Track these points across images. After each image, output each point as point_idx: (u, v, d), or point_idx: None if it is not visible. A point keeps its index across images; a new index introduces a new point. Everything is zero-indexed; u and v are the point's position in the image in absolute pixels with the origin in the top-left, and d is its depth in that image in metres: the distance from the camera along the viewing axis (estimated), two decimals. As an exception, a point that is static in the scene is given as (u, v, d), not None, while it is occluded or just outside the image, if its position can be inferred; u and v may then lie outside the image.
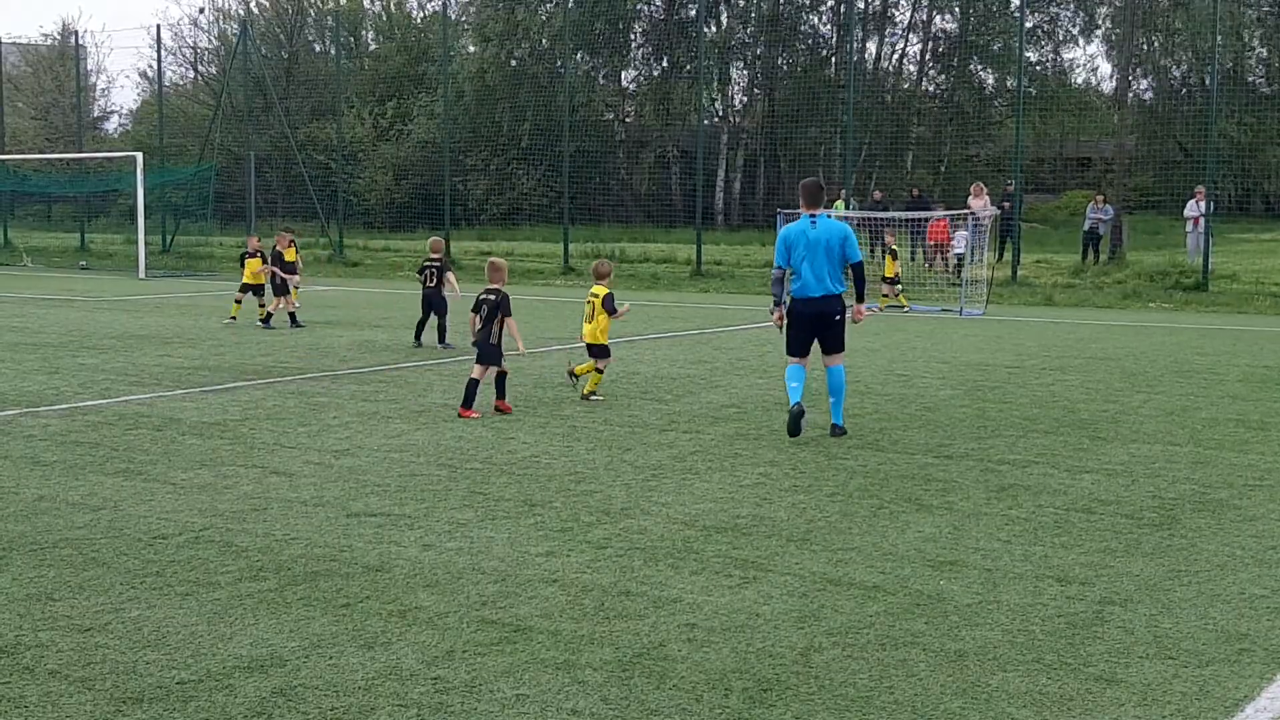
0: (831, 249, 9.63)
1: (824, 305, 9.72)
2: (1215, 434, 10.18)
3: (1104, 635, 5.44)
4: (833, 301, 9.74)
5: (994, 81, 46.85)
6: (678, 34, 47.84)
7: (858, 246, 9.80)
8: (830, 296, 9.71)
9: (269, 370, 13.77)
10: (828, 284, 9.67)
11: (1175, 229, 31.51)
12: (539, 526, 7.16)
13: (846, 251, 9.70)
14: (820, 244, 9.63)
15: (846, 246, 9.70)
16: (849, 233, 9.73)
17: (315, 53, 57.99)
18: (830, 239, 9.64)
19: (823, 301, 9.71)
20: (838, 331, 9.81)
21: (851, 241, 9.72)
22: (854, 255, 9.78)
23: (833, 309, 9.75)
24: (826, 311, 9.73)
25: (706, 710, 4.63)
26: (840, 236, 9.67)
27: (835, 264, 9.68)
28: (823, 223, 9.72)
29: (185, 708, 4.62)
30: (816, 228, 9.69)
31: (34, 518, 7.32)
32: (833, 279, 9.69)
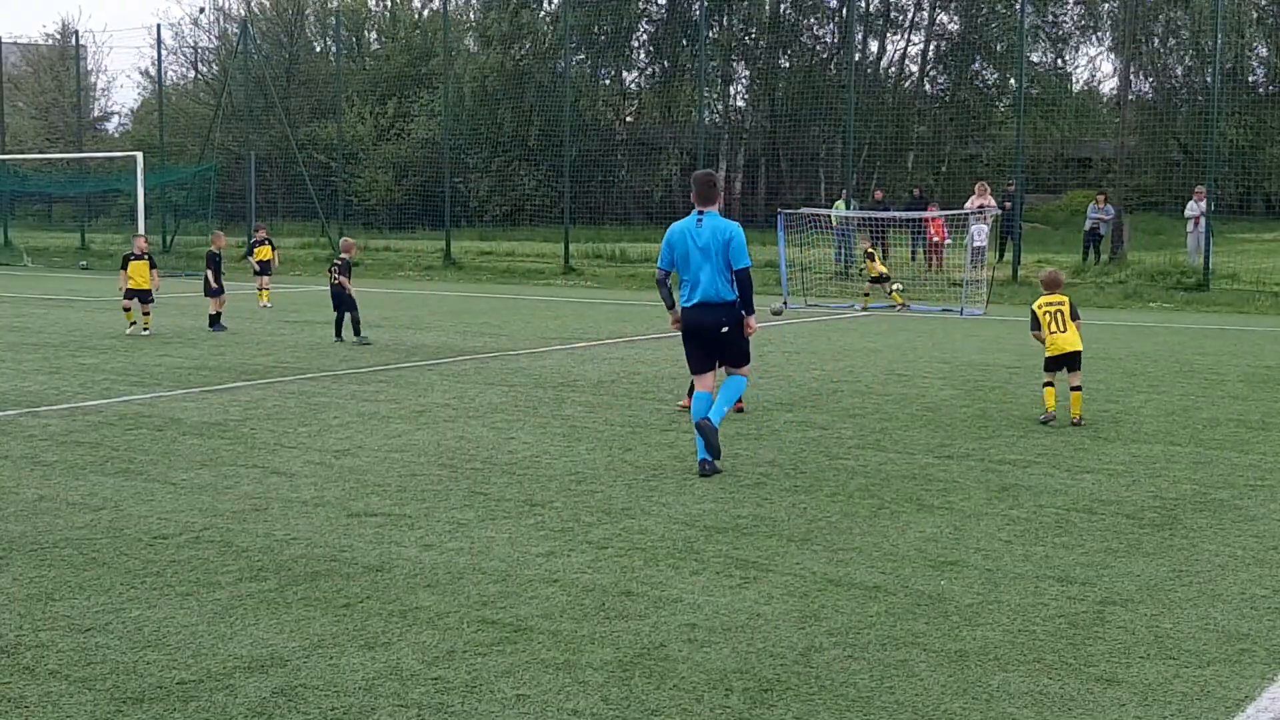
0: (713, 252, 8.42)
1: (703, 315, 8.55)
2: (1216, 434, 10.18)
3: (1105, 635, 5.43)
4: (715, 311, 8.51)
5: (995, 81, 46.84)
6: (680, 34, 47.84)
7: (745, 249, 8.52)
8: (710, 305, 8.50)
9: (269, 370, 13.77)
10: (709, 291, 8.48)
11: (1176, 229, 31.48)
12: (540, 526, 7.16)
13: (731, 255, 8.45)
14: (703, 246, 8.45)
15: (731, 249, 8.44)
16: (735, 233, 8.48)
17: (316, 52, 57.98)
18: (713, 240, 8.43)
19: (700, 310, 8.55)
20: (732, 345, 8.65)
21: (737, 244, 8.46)
22: (740, 260, 8.47)
23: (715, 319, 8.52)
24: (708, 323, 8.54)
25: (707, 710, 4.63)
26: (724, 238, 8.43)
27: (719, 268, 8.45)
28: (709, 222, 8.48)
29: (185, 708, 4.62)
30: (702, 227, 8.48)
31: (34, 518, 7.31)
32: (717, 285, 8.47)
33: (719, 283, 8.46)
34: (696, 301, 8.53)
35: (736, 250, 8.45)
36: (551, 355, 15.36)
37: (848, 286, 25.39)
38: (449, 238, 34.97)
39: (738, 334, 8.61)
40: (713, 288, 8.47)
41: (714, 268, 8.43)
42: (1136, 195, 36.94)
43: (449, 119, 38.19)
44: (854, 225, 28.00)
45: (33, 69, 61.52)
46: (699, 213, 8.53)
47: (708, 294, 8.47)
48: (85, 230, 42.43)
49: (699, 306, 8.53)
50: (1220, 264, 26.59)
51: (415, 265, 33.91)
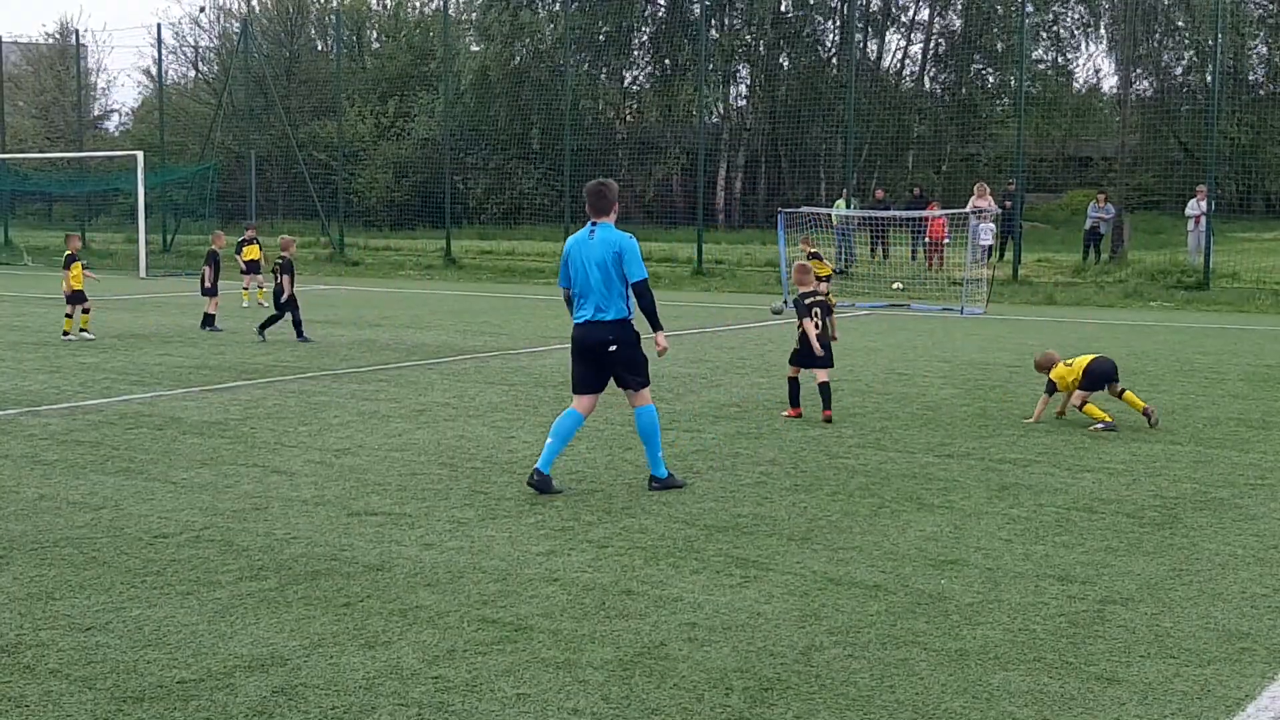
0: (605, 265, 7.89)
1: (592, 332, 8.00)
2: (1216, 433, 10.18)
3: (1105, 634, 5.43)
4: (603, 328, 7.97)
5: (995, 80, 46.83)
6: (680, 33, 47.82)
7: (639, 260, 7.97)
8: (600, 322, 7.97)
9: (269, 369, 13.77)
10: (599, 306, 7.96)
11: (1177, 228, 31.48)
12: (540, 525, 7.16)
13: (625, 268, 7.92)
14: (593, 258, 7.91)
15: (624, 262, 7.91)
16: (626, 245, 7.93)
17: (316, 51, 57.98)
18: (604, 253, 7.89)
19: (590, 328, 8.01)
20: (623, 365, 8.05)
21: (630, 256, 7.92)
22: (635, 273, 7.94)
23: (603, 337, 7.97)
24: (597, 340, 7.99)
25: (707, 709, 4.63)
26: (614, 250, 7.89)
27: (611, 282, 7.92)
28: (601, 233, 7.96)
29: (186, 707, 4.62)
30: (593, 239, 7.95)
31: (35, 517, 7.32)
32: (607, 300, 7.95)
33: (609, 298, 7.94)
34: (585, 318, 8.01)
35: (629, 263, 7.93)
36: (551, 354, 15.36)
37: (848, 286, 25.39)
38: (449, 237, 34.98)
39: (627, 353, 8.01)
40: (602, 303, 7.95)
41: (604, 282, 7.92)
42: (1137, 194, 36.94)
43: (449, 118, 38.18)
44: (854, 225, 28.00)
45: (33, 68, 61.52)
46: (592, 224, 8.03)
47: (597, 310, 7.96)
48: (86, 230, 42.42)
49: (587, 324, 8.01)
50: (1221, 263, 26.59)
51: (415, 264, 33.93)
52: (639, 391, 8.11)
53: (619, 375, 8.12)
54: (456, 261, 33.69)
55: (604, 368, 8.10)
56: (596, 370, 8.11)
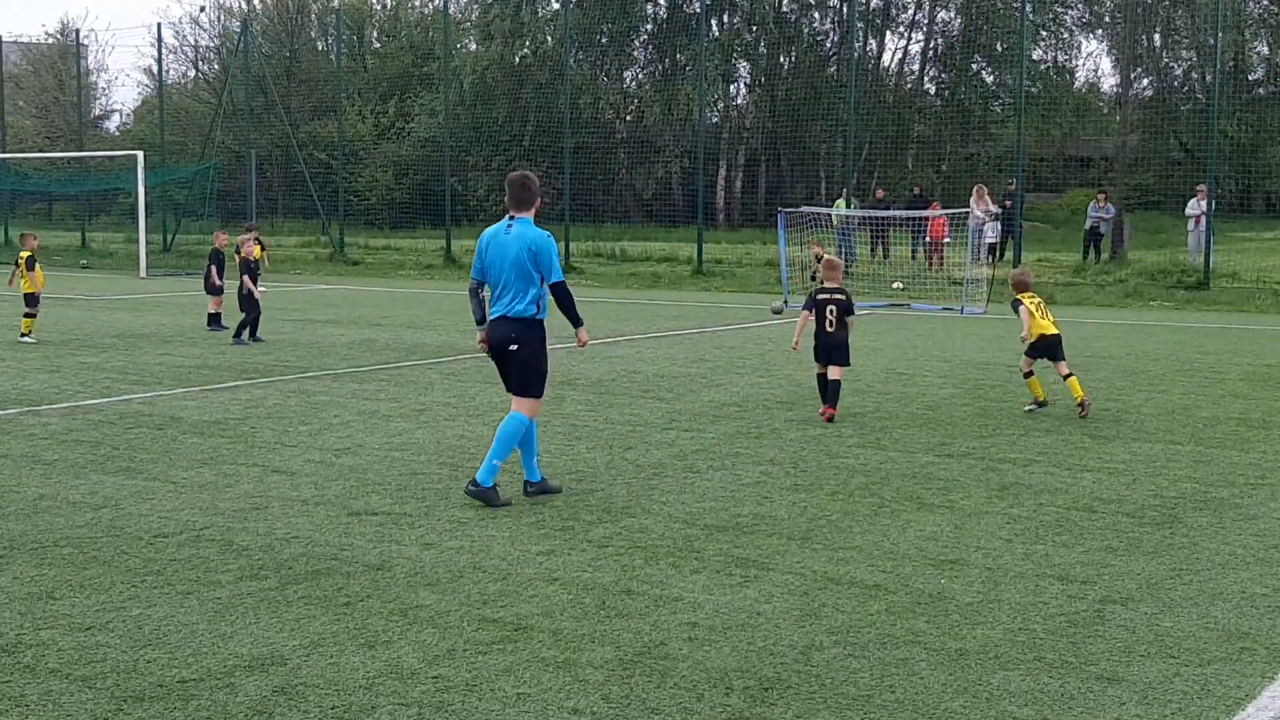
0: (520, 261, 7.60)
1: (499, 330, 7.74)
2: (1217, 433, 10.18)
3: (1105, 634, 5.43)
4: (510, 326, 7.69)
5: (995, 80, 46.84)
6: (680, 32, 47.83)
7: (555, 261, 7.70)
8: (507, 320, 7.69)
9: (270, 369, 13.77)
10: (509, 304, 7.68)
11: (1177, 228, 31.48)
12: (540, 525, 7.16)
13: (539, 266, 7.64)
14: (508, 254, 7.63)
15: (539, 260, 7.62)
16: (544, 244, 7.65)
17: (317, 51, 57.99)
18: (519, 250, 7.60)
19: (496, 325, 7.76)
20: (519, 367, 7.76)
21: (546, 254, 7.64)
22: (551, 273, 7.68)
23: (506, 335, 7.70)
24: (501, 338, 7.73)
25: (708, 709, 4.63)
26: (530, 248, 7.60)
27: (524, 280, 7.63)
28: (519, 228, 7.68)
29: (186, 706, 4.62)
30: (510, 234, 7.67)
31: (35, 516, 7.32)
32: (517, 299, 7.66)
33: (519, 296, 7.67)
34: (495, 315, 7.76)
35: (545, 263, 7.65)
36: (551, 353, 15.32)
37: (849, 285, 25.35)
38: (449, 236, 34.97)
39: (528, 353, 7.73)
40: (512, 301, 7.68)
41: (517, 279, 7.64)
42: (1137, 194, 36.93)
43: (449, 118, 38.17)
44: (854, 224, 27.99)
45: (33, 68, 61.52)
46: (510, 218, 7.75)
47: (506, 307, 7.70)
48: (86, 229, 42.44)
49: (496, 321, 7.76)
50: (1221, 263, 26.59)
51: (416, 264, 33.93)
52: (526, 399, 7.77)
53: (510, 375, 7.80)
54: (457, 261, 33.66)
55: (503, 366, 7.83)
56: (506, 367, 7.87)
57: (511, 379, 7.83)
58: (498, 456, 7.66)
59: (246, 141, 40.37)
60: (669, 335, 17.81)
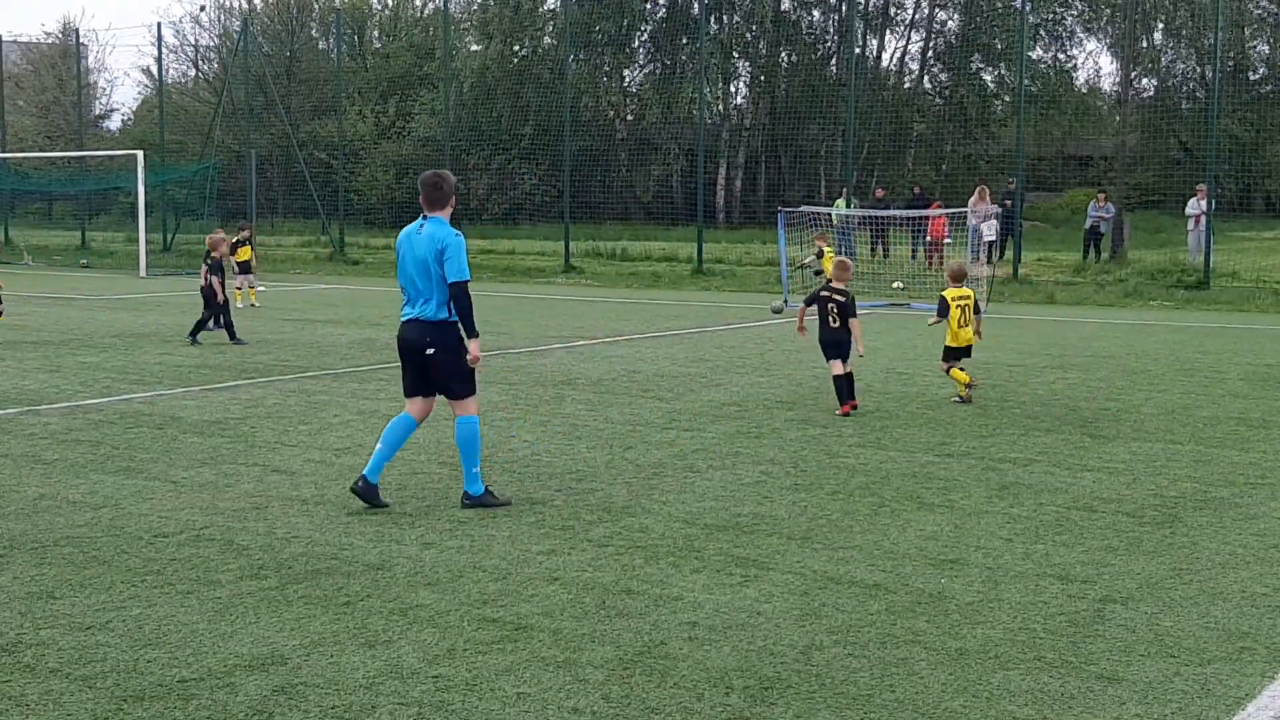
0: (428, 262, 7.43)
1: (410, 333, 7.61)
2: (1217, 432, 10.18)
3: (1105, 633, 5.43)
4: (425, 330, 7.54)
5: (995, 79, 46.85)
6: (680, 31, 47.82)
7: (462, 261, 7.45)
8: (419, 322, 7.56)
9: (270, 368, 13.76)
10: (422, 307, 7.54)
11: (1177, 227, 31.49)
12: (540, 525, 7.16)
13: (444, 267, 7.42)
14: (418, 254, 7.49)
15: (445, 261, 7.40)
16: (450, 243, 7.43)
17: (317, 50, 57.99)
18: (428, 249, 7.44)
19: (409, 327, 7.63)
20: (442, 372, 7.57)
21: (452, 254, 7.40)
22: (454, 273, 7.40)
23: (421, 338, 7.55)
24: (415, 343, 7.58)
25: (708, 708, 4.63)
26: (437, 247, 7.41)
27: (434, 281, 7.45)
28: (430, 228, 7.55)
29: (186, 706, 4.62)
30: (422, 233, 7.55)
31: (35, 516, 7.32)
32: (430, 301, 7.50)
33: (431, 298, 7.50)
34: (409, 316, 7.63)
35: (450, 262, 7.40)
36: (551, 353, 15.36)
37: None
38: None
39: (447, 358, 7.54)
40: (424, 302, 7.52)
41: (427, 280, 7.48)
42: (1137, 194, 36.93)
43: (449, 117, 38.16)
44: (854, 224, 27.99)
45: (33, 67, 61.50)
46: (424, 218, 7.64)
47: (419, 310, 7.54)
48: (86, 229, 42.44)
49: (409, 322, 7.62)
50: (1221, 262, 26.59)
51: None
52: (461, 400, 7.60)
53: (439, 381, 7.62)
54: (456, 261, 33.63)
55: (425, 371, 7.64)
56: (421, 373, 7.65)
57: (438, 383, 7.62)
58: (472, 465, 7.61)
59: (246, 141, 40.37)
60: (669, 335, 17.80)
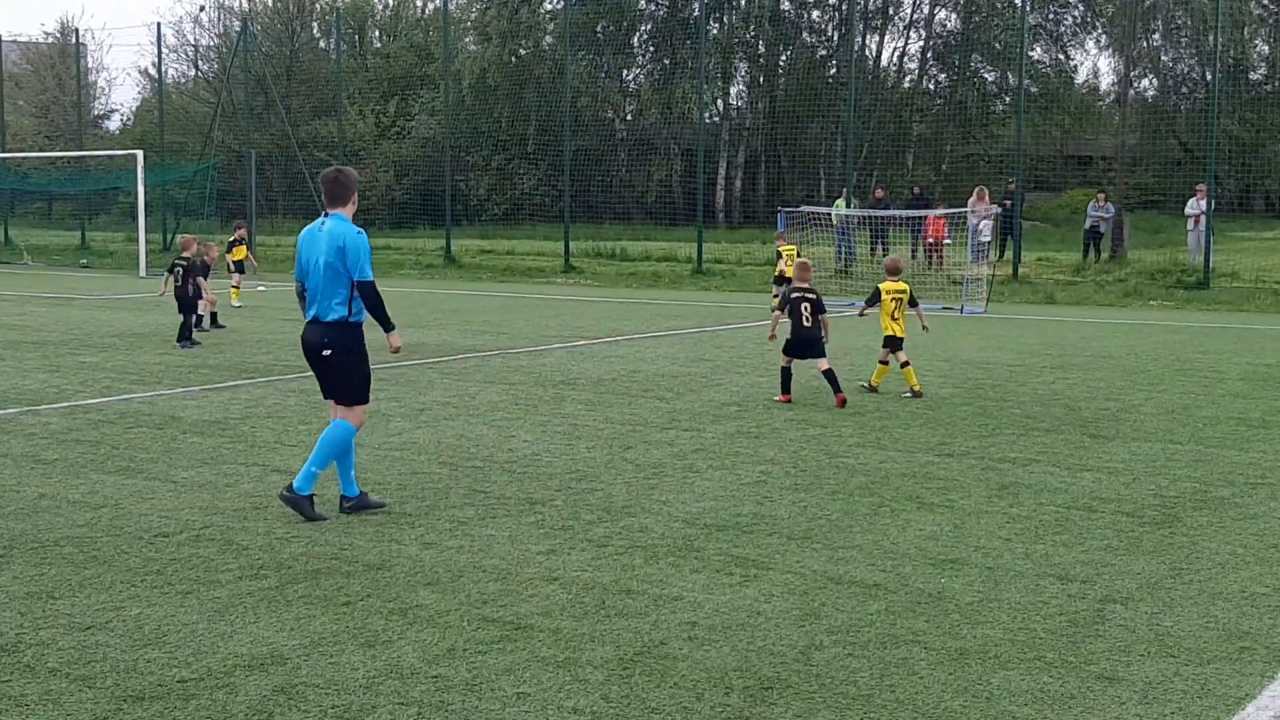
0: (329, 260, 7.22)
1: (312, 334, 7.35)
2: (1216, 432, 10.18)
3: (1105, 633, 5.43)
4: (322, 330, 7.30)
5: (995, 79, 46.84)
6: (680, 32, 47.83)
7: (365, 260, 7.27)
8: (319, 323, 7.31)
9: (269, 368, 13.76)
10: (319, 307, 7.30)
11: (1177, 227, 31.49)
12: (540, 525, 7.16)
13: (347, 266, 7.22)
14: (319, 253, 7.27)
15: (347, 259, 7.21)
16: (352, 242, 7.23)
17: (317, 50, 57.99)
18: (329, 248, 7.22)
19: (310, 328, 7.37)
20: (334, 374, 7.37)
21: (355, 252, 7.22)
22: (359, 272, 7.24)
23: (317, 340, 7.31)
24: (313, 342, 7.34)
25: (707, 708, 4.63)
26: (337, 245, 7.20)
27: (334, 280, 7.24)
28: (332, 225, 7.30)
29: (186, 706, 4.62)
30: (323, 231, 7.31)
31: (35, 516, 7.32)
32: (328, 300, 7.26)
33: (330, 298, 7.28)
34: (307, 316, 7.41)
35: (352, 261, 7.22)
36: (551, 353, 15.36)
37: (849, 285, 25.38)
38: (449, 236, 34.97)
39: (342, 360, 7.34)
40: (324, 303, 7.30)
41: (327, 280, 7.25)
42: (1137, 194, 36.94)
43: (449, 117, 38.15)
44: (854, 224, 27.99)
45: (33, 67, 61.51)
46: (325, 215, 7.41)
47: (319, 309, 7.32)
48: (85, 229, 42.43)
49: (309, 324, 7.40)
50: (1221, 262, 26.60)
51: (416, 263, 33.93)
52: (349, 408, 7.40)
53: (324, 381, 7.44)
54: (456, 261, 33.69)
55: (316, 371, 7.47)
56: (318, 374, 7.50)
57: (329, 386, 7.45)
58: (317, 465, 7.31)
59: (246, 141, 40.37)
60: (669, 335, 17.80)
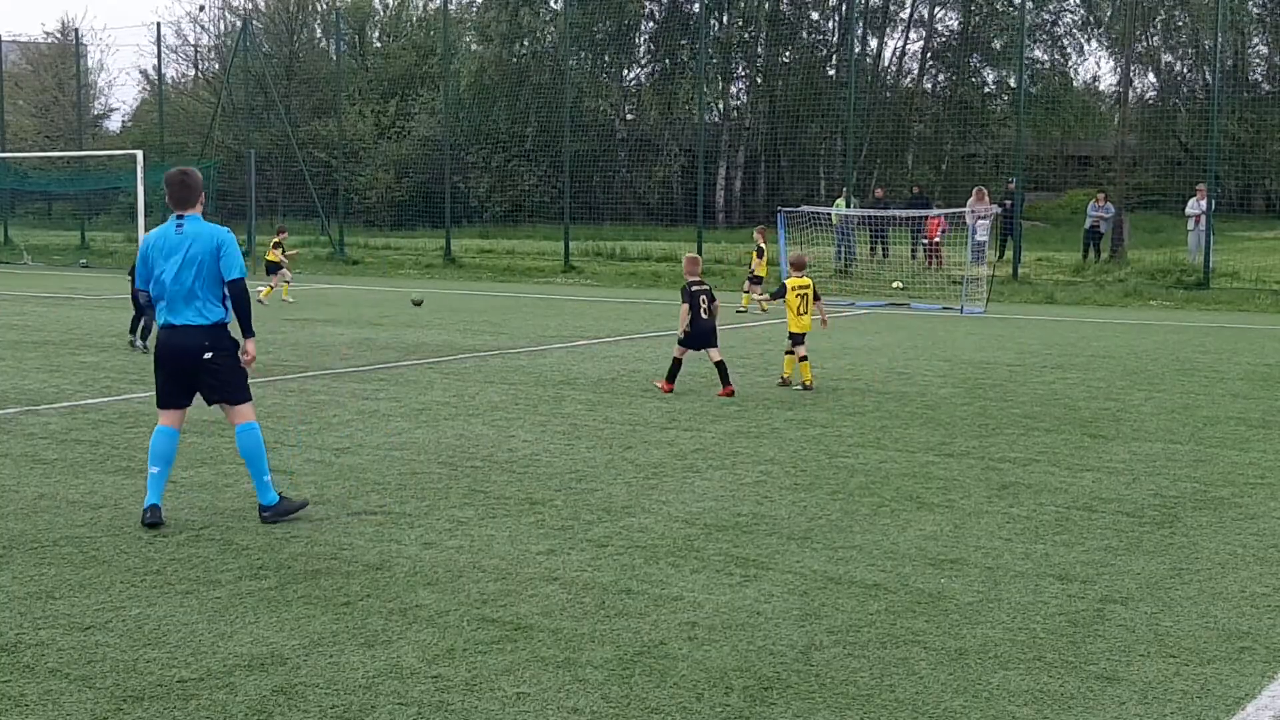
0: (202, 261, 7.15)
1: (182, 339, 7.21)
2: (1216, 432, 10.18)
3: (1105, 633, 5.43)
4: (200, 334, 7.20)
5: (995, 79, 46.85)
6: (680, 32, 47.82)
7: (238, 257, 7.27)
8: (196, 327, 7.19)
9: (269, 368, 13.76)
10: (196, 309, 7.19)
11: (1177, 227, 31.49)
12: (540, 525, 7.16)
13: (222, 265, 7.20)
14: (186, 254, 7.16)
15: (223, 258, 7.20)
16: (228, 240, 7.26)
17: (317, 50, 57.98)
18: (201, 248, 7.16)
19: (178, 333, 7.22)
20: (220, 377, 7.28)
21: (232, 250, 7.23)
22: (236, 270, 7.22)
23: (197, 343, 7.20)
24: (191, 347, 7.20)
25: (707, 708, 4.63)
26: (214, 244, 7.19)
27: (208, 281, 7.18)
28: (191, 227, 7.22)
29: (186, 706, 4.62)
30: (183, 234, 7.21)
31: (34, 516, 7.31)
32: (207, 303, 7.20)
33: (206, 299, 7.21)
34: (175, 323, 7.24)
35: (228, 259, 7.21)
36: (551, 353, 15.36)
37: (849, 285, 25.39)
38: (449, 236, 34.98)
39: (228, 363, 7.29)
40: (198, 305, 7.19)
41: (200, 281, 7.17)
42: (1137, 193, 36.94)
43: (449, 117, 38.15)
44: (854, 224, 28.00)
45: (33, 67, 61.50)
46: (178, 218, 7.27)
47: (197, 313, 7.20)
48: (85, 228, 42.44)
49: (179, 328, 7.22)
50: (1221, 262, 26.60)
51: (416, 264, 33.93)
52: (237, 407, 7.34)
53: (211, 388, 7.32)
54: (456, 261, 33.69)
55: (194, 377, 7.31)
56: (188, 381, 7.33)
57: (213, 389, 7.34)
58: (262, 475, 7.29)
59: (246, 141, 40.37)
60: (668, 334, 17.79)
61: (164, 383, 7.38)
